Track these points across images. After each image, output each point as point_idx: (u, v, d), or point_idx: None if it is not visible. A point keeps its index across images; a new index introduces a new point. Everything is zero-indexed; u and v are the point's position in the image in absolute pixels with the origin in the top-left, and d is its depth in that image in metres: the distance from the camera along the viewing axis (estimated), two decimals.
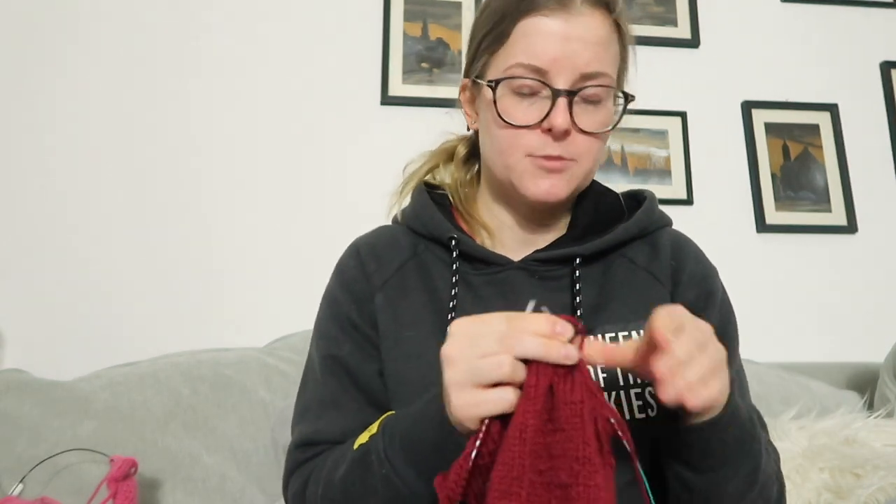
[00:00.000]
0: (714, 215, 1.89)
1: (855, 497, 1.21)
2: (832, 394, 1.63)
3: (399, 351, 0.77)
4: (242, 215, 1.73)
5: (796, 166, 1.96)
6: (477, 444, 0.53)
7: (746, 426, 0.64)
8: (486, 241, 0.83)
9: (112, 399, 1.37)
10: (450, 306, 0.76)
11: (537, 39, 0.74)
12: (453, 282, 0.78)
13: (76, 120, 1.72)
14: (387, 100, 1.84)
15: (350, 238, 0.89)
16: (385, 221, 0.91)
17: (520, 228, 0.83)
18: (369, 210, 1.04)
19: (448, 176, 0.89)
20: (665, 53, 1.98)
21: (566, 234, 0.83)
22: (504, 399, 0.54)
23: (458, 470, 0.52)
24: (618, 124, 0.79)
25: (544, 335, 0.53)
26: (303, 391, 0.83)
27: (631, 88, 0.80)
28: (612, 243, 0.80)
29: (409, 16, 1.90)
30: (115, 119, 1.74)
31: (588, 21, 0.74)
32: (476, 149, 0.87)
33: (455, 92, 0.88)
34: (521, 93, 0.75)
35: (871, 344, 1.75)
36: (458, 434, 0.57)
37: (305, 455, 0.76)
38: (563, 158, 0.75)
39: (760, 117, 1.97)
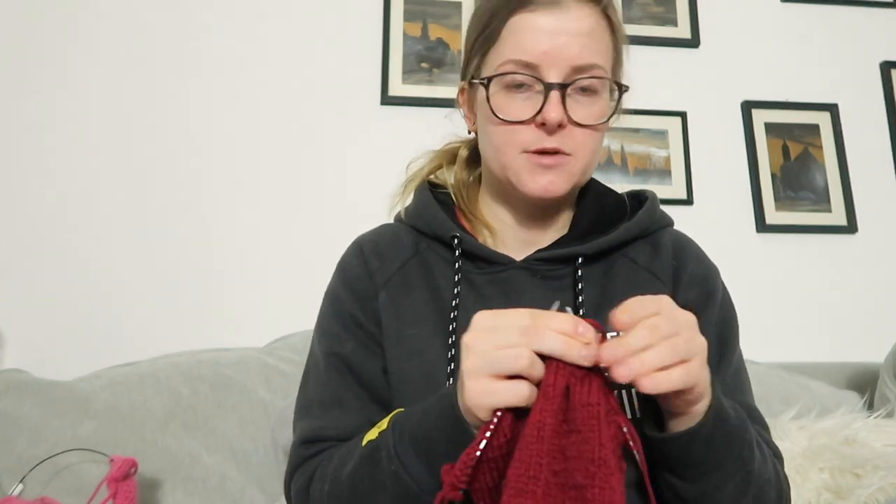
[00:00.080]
0: (714, 215, 1.89)
1: (855, 497, 1.21)
2: (832, 394, 1.63)
3: (401, 349, 0.77)
4: (242, 215, 1.73)
5: (796, 166, 1.96)
6: (487, 435, 0.52)
7: (736, 432, 0.63)
8: (489, 241, 0.83)
9: (112, 399, 1.37)
10: (452, 305, 0.76)
11: (527, 35, 0.74)
12: (455, 280, 0.78)
13: (76, 120, 1.72)
14: (387, 100, 1.84)
15: (350, 238, 0.88)
16: (385, 221, 0.90)
17: (520, 227, 0.83)
18: (369, 210, 1.05)
19: (451, 177, 0.89)
20: (665, 53, 1.98)
21: (568, 234, 0.83)
22: (519, 392, 0.53)
23: (465, 458, 0.52)
24: (614, 116, 0.78)
25: (566, 334, 0.53)
26: (304, 388, 0.82)
27: (631, 88, 0.79)
28: (614, 243, 0.80)
29: (409, 16, 1.90)
30: (115, 119, 1.74)
31: (576, 14, 0.74)
32: (478, 152, 0.86)
33: (455, 92, 0.88)
34: (514, 87, 0.75)
35: (871, 344, 1.75)
36: (470, 429, 0.57)
37: (309, 452, 0.76)
38: (560, 152, 0.74)
39: (760, 117, 1.97)
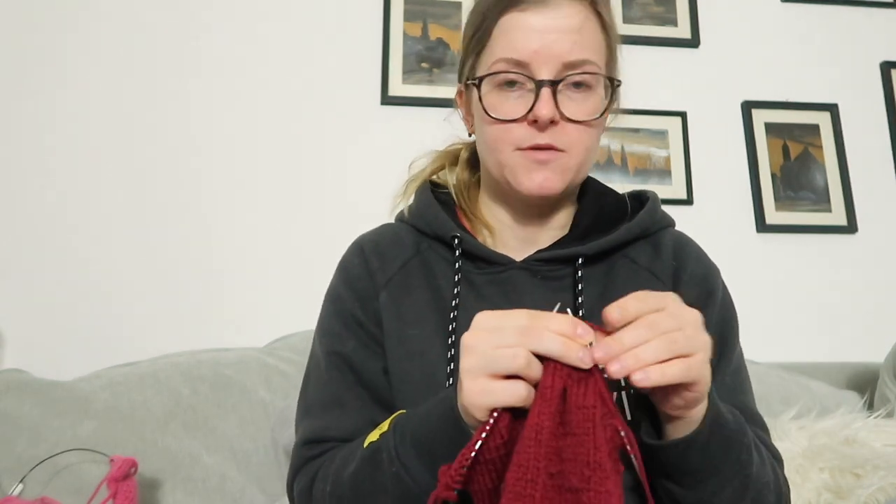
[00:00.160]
0: (714, 215, 1.89)
1: (855, 497, 1.21)
2: (832, 394, 1.63)
3: (402, 349, 0.77)
4: (242, 215, 1.73)
5: (796, 166, 1.96)
6: (483, 436, 0.52)
7: (734, 437, 0.63)
8: (489, 241, 0.83)
9: (112, 399, 1.37)
10: (452, 305, 0.76)
11: (517, 34, 0.74)
12: (456, 280, 0.78)
13: (76, 120, 1.72)
14: (387, 100, 1.84)
15: (350, 238, 0.88)
16: (385, 220, 0.90)
17: (519, 227, 0.83)
18: (369, 210, 1.05)
19: (453, 178, 0.89)
20: (665, 53, 1.98)
21: (568, 234, 0.83)
22: (515, 392, 0.53)
23: (461, 459, 0.52)
24: (610, 112, 0.78)
25: (565, 335, 0.53)
26: (306, 388, 0.82)
27: (631, 88, 0.80)
28: (615, 243, 0.80)
29: (409, 16, 1.90)
30: (115, 119, 1.74)
31: (566, 11, 0.74)
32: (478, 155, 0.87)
33: (454, 92, 0.88)
34: (506, 86, 0.75)
35: (871, 344, 1.75)
36: (468, 429, 0.57)
37: (312, 452, 0.76)
38: (553, 148, 0.74)
39: (760, 117, 1.97)
